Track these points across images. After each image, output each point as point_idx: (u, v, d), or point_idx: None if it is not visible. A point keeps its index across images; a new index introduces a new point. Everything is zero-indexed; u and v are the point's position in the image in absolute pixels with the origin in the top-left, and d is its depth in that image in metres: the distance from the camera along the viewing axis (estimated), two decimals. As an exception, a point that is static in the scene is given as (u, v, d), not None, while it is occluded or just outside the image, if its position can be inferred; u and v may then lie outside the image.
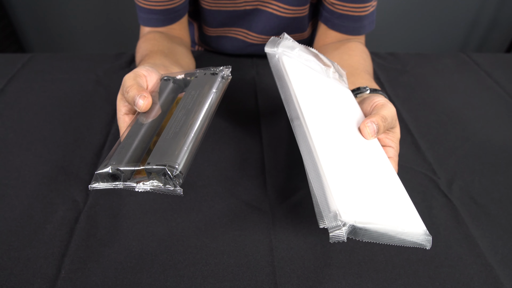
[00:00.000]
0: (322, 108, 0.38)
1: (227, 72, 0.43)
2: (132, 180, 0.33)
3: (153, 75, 0.43)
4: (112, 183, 0.33)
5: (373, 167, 0.36)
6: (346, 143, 0.36)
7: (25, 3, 1.60)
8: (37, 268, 0.38)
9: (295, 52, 0.42)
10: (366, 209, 0.31)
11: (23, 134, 0.55)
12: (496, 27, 1.81)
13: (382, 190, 0.34)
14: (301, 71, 0.41)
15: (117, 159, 0.33)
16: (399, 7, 1.70)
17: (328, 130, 0.36)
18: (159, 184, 0.32)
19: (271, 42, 0.41)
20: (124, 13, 1.64)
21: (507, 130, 0.61)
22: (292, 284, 0.38)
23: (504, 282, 0.39)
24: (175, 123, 0.36)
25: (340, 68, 0.47)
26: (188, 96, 0.39)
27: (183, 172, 0.32)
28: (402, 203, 0.34)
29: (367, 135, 0.39)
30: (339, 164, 0.33)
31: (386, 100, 0.43)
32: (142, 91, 0.38)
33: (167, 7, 0.61)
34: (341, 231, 0.28)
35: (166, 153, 0.33)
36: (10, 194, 0.46)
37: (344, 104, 0.42)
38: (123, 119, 0.40)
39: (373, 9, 0.63)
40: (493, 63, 0.80)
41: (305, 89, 0.39)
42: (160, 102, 0.40)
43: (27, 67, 0.72)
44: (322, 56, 0.45)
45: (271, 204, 0.46)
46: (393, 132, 0.42)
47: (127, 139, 0.36)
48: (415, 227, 0.32)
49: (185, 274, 0.38)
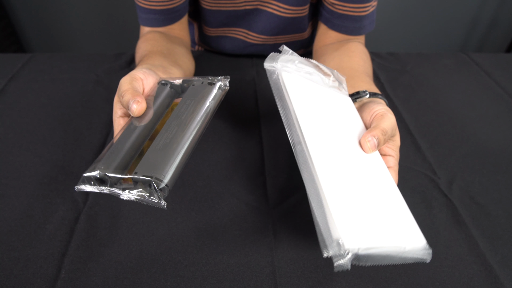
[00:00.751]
0: (323, 127, 0.39)
1: (225, 82, 0.43)
2: (119, 186, 0.33)
3: (150, 78, 0.43)
4: (99, 187, 0.33)
5: (373, 184, 0.37)
6: (347, 163, 0.37)
7: (25, 3, 1.60)
8: (37, 268, 0.38)
9: (294, 65, 0.42)
10: (368, 234, 0.31)
11: (23, 134, 0.55)
12: (496, 27, 1.81)
13: (383, 209, 0.35)
14: (301, 87, 0.42)
15: (106, 164, 0.34)
16: (399, 7, 1.70)
17: (330, 153, 0.36)
18: (144, 194, 0.32)
19: (270, 58, 0.42)
20: (124, 13, 1.64)
21: (507, 130, 0.61)
22: (292, 284, 0.38)
23: (504, 282, 0.39)
24: (167, 133, 0.36)
25: (340, 75, 0.47)
26: (182, 106, 0.39)
27: (169, 185, 0.32)
28: (403, 219, 0.35)
29: (368, 150, 0.39)
30: (341, 189, 0.33)
31: (386, 108, 0.43)
32: (136, 95, 0.38)
33: (167, 7, 0.61)
34: (345, 260, 0.28)
35: (154, 164, 0.33)
36: (10, 194, 0.46)
37: (344, 117, 0.43)
38: (118, 122, 0.41)
39: (373, 9, 0.63)
40: (493, 63, 0.80)
41: (306, 109, 0.39)
42: (155, 106, 0.40)
43: (27, 67, 0.72)
44: (322, 66, 0.46)
45: (271, 204, 0.46)
46: (393, 141, 0.42)
47: (117, 143, 0.36)
48: (416, 243, 0.33)
49: (185, 274, 0.38)
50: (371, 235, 0.31)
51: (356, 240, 0.30)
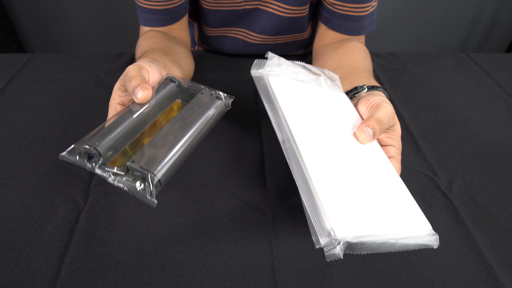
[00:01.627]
0: (314, 122, 0.38)
1: (229, 101, 0.43)
2: (108, 168, 0.32)
3: (155, 72, 0.43)
4: (86, 163, 0.32)
5: (371, 173, 0.36)
6: (340, 154, 0.36)
7: (25, 3, 1.60)
8: (37, 268, 0.38)
9: (282, 69, 0.42)
10: (361, 222, 0.30)
11: (23, 134, 0.55)
12: (496, 27, 1.81)
13: (382, 197, 0.34)
14: (289, 88, 0.41)
15: (100, 141, 0.32)
16: (399, 7, 1.70)
17: (320, 146, 0.36)
18: (135, 186, 0.31)
19: (256, 65, 0.42)
20: (124, 13, 1.64)
21: (507, 130, 0.61)
22: (292, 284, 0.38)
23: (504, 282, 0.39)
24: (171, 131, 0.36)
25: (332, 74, 0.47)
26: (189, 110, 0.39)
27: (162, 184, 0.32)
28: (405, 205, 0.34)
29: (363, 141, 0.38)
30: (333, 180, 0.33)
31: (383, 98, 0.42)
32: (144, 82, 0.38)
33: (167, 7, 0.61)
34: (336, 249, 0.28)
35: (153, 159, 0.32)
36: (10, 194, 0.46)
37: (338, 111, 0.42)
38: (115, 108, 0.40)
39: (373, 9, 0.63)
40: (493, 63, 0.80)
41: (295, 107, 0.39)
42: (158, 98, 0.40)
43: (27, 67, 0.72)
44: (310, 66, 0.46)
45: (271, 204, 0.46)
46: (393, 130, 0.42)
47: (114, 124, 0.35)
48: (420, 229, 0.32)
49: (185, 274, 0.38)
50: (364, 223, 0.30)
51: (347, 229, 0.29)
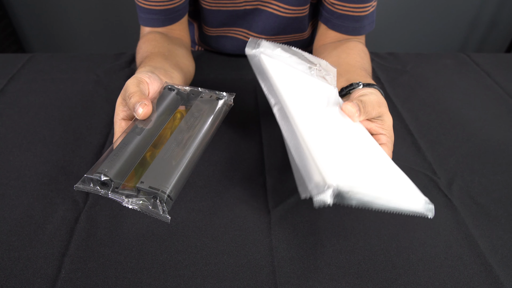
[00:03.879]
0: (303, 96, 0.38)
1: (231, 99, 0.43)
2: (120, 191, 0.33)
3: (155, 83, 0.43)
4: (100, 190, 0.33)
5: (361, 145, 0.36)
6: (329, 123, 0.36)
7: (25, 3, 1.60)
8: (37, 268, 0.38)
9: (276, 52, 0.42)
10: (352, 174, 0.29)
11: (23, 134, 0.55)
12: (496, 27, 1.81)
13: (371, 164, 0.33)
14: (281, 67, 0.41)
15: (109, 167, 0.33)
16: (399, 7, 1.70)
17: (311, 112, 0.36)
18: (147, 204, 0.32)
19: (251, 43, 0.41)
20: (124, 13, 1.64)
21: (507, 130, 0.61)
22: (292, 284, 0.38)
23: (504, 282, 0.39)
24: (175, 144, 0.36)
25: (330, 66, 0.46)
26: (191, 118, 0.39)
27: (173, 199, 0.32)
28: (396, 176, 0.33)
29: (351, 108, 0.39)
30: (323, 140, 0.32)
31: (373, 91, 0.42)
32: (143, 98, 0.38)
33: (167, 7, 0.61)
34: (325, 194, 0.26)
35: (160, 176, 0.32)
36: (10, 194, 0.46)
37: (324, 99, 0.42)
38: (120, 124, 0.41)
39: (373, 10, 0.63)
40: (493, 63, 0.80)
41: (286, 80, 0.39)
42: (160, 111, 0.40)
43: (27, 67, 0.72)
44: (307, 54, 0.45)
45: (271, 204, 0.46)
46: (381, 120, 0.43)
47: (121, 146, 0.36)
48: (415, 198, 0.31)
49: (185, 274, 0.38)
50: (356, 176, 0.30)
51: (337, 176, 0.28)
